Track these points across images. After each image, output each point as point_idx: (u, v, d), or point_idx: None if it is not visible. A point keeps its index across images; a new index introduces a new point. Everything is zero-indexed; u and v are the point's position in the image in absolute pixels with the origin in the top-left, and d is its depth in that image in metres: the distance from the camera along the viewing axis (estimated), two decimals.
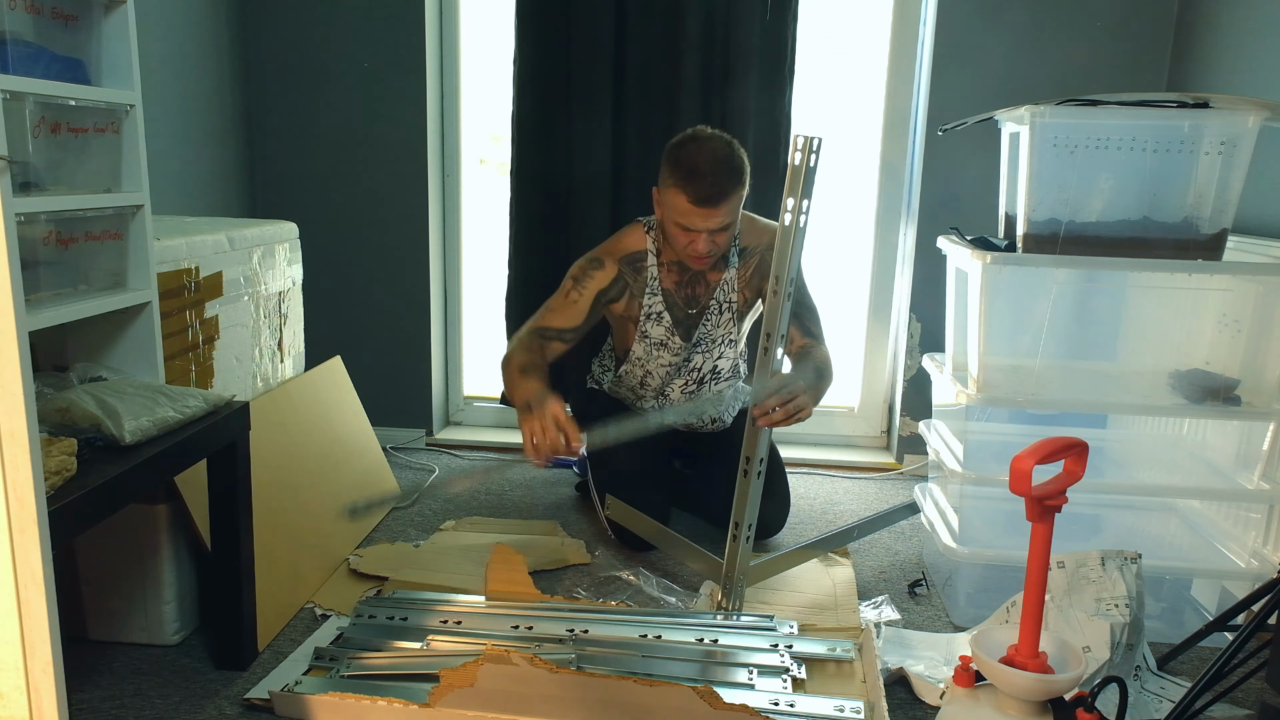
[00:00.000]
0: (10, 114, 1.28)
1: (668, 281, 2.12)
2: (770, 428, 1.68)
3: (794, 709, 1.42)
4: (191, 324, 1.72)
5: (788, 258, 1.59)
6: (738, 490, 1.71)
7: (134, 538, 1.56)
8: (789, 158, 1.57)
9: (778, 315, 1.62)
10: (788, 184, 1.57)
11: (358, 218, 2.72)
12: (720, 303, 2.15)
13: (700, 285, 2.14)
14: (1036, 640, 1.20)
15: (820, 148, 1.54)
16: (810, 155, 1.54)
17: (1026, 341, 1.76)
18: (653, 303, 2.11)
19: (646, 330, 2.14)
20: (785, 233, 1.59)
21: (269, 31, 2.63)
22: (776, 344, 1.64)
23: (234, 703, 1.46)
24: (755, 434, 1.68)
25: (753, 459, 1.68)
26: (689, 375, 2.21)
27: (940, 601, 1.89)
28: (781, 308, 1.61)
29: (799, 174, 1.55)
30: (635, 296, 2.12)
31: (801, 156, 1.54)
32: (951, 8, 2.46)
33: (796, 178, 1.55)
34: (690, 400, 2.24)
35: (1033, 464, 1.16)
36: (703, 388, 2.24)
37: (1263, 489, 1.71)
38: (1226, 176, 1.64)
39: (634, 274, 2.11)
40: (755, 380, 1.69)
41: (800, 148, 1.54)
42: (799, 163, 1.54)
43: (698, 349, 2.18)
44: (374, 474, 2.29)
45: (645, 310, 2.12)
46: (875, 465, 2.72)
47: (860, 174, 2.73)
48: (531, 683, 1.37)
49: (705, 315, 2.15)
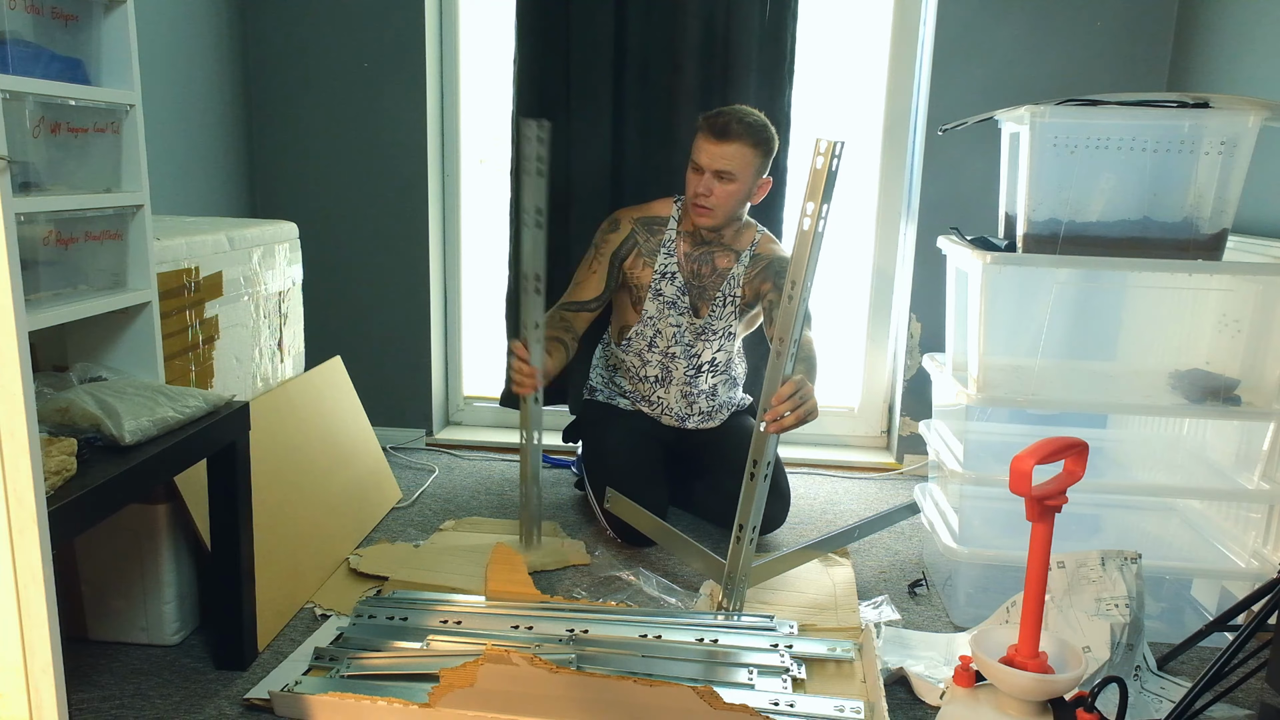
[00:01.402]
0: (10, 114, 1.28)
1: (682, 248, 2.21)
2: (779, 432, 1.68)
3: (794, 709, 1.42)
4: (191, 324, 1.72)
5: (805, 261, 1.57)
6: (743, 493, 1.71)
7: (134, 538, 1.56)
8: (811, 161, 1.54)
9: (792, 319, 1.60)
10: (808, 187, 1.55)
11: (358, 218, 2.72)
12: (726, 295, 2.22)
13: (707, 266, 2.22)
14: (1036, 640, 1.20)
15: (842, 152, 1.53)
16: (832, 159, 1.53)
17: (1026, 341, 1.76)
18: (667, 262, 2.20)
19: (660, 288, 2.21)
20: (804, 236, 1.57)
21: (269, 31, 2.63)
22: (789, 348, 1.63)
23: (234, 703, 1.46)
24: (763, 438, 1.68)
25: (760, 462, 1.68)
26: (691, 360, 2.25)
27: (940, 601, 1.89)
28: (796, 313, 1.59)
29: (820, 177, 1.53)
30: (643, 256, 2.20)
31: (824, 160, 1.52)
32: (951, 8, 2.46)
33: (818, 181, 1.54)
34: (688, 386, 2.26)
35: (1033, 464, 1.16)
36: (700, 377, 2.26)
37: (1263, 489, 1.71)
38: (1226, 176, 1.64)
39: (647, 235, 2.21)
40: (765, 384, 1.68)
41: (822, 151, 1.52)
42: (820, 166, 1.53)
43: (702, 337, 2.23)
44: (374, 474, 2.29)
45: (660, 269, 2.20)
46: (875, 465, 2.72)
47: (860, 174, 2.73)
48: (531, 683, 1.37)
49: (712, 303, 2.22)
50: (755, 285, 2.21)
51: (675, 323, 2.22)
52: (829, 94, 2.72)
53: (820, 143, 1.53)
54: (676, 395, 2.28)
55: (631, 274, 2.22)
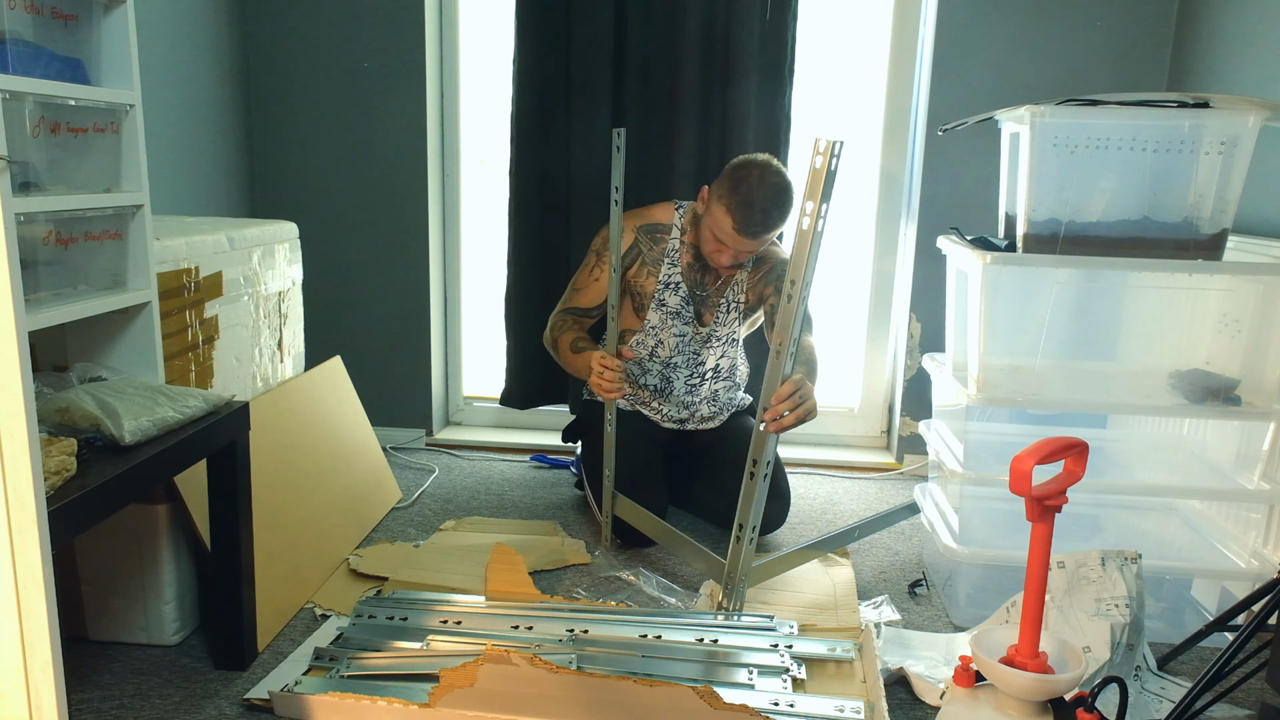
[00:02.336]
0: (10, 114, 1.28)
1: (685, 258, 2.20)
2: (779, 432, 1.68)
3: (794, 709, 1.42)
4: (191, 324, 1.72)
5: (804, 260, 1.57)
6: (743, 493, 1.70)
7: (134, 538, 1.56)
8: (810, 161, 1.55)
9: (791, 319, 1.60)
10: (807, 187, 1.55)
11: (358, 218, 2.72)
12: (730, 301, 2.22)
13: (711, 274, 2.21)
14: (1036, 640, 1.20)
15: (841, 151, 1.53)
16: (831, 159, 1.53)
17: (1026, 341, 1.76)
18: (671, 273, 2.19)
19: (664, 299, 2.20)
20: (803, 236, 1.57)
21: (269, 31, 2.63)
22: (788, 348, 1.63)
23: (234, 703, 1.46)
24: (762, 437, 1.68)
25: (759, 461, 1.68)
26: (695, 368, 2.25)
27: (940, 601, 1.89)
28: (796, 312, 1.59)
29: (819, 177, 1.53)
30: (646, 265, 2.19)
31: (823, 160, 1.53)
32: (951, 8, 2.45)
33: (816, 181, 1.54)
34: (689, 396, 2.26)
35: (1033, 464, 1.16)
36: (704, 384, 2.26)
37: (1263, 489, 1.71)
38: (1226, 176, 1.64)
39: (650, 243, 2.19)
40: (765, 384, 1.68)
41: (821, 151, 1.53)
42: (820, 166, 1.53)
43: (707, 345, 2.23)
44: (374, 474, 2.29)
45: (664, 279, 2.19)
46: (875, 465, 2.72)
47: (860, 173, 2.73)
48: (531, 683, 1.37)
49: (716, 310, 2.22)
50: (759, 290, 2.21)
51: (680, 332, 2.21)
52: (829, 94, 2.72)
53: (819, 142, 1.53)
54: (676, 405, 2.28)
55: (635, 282, 2.21)
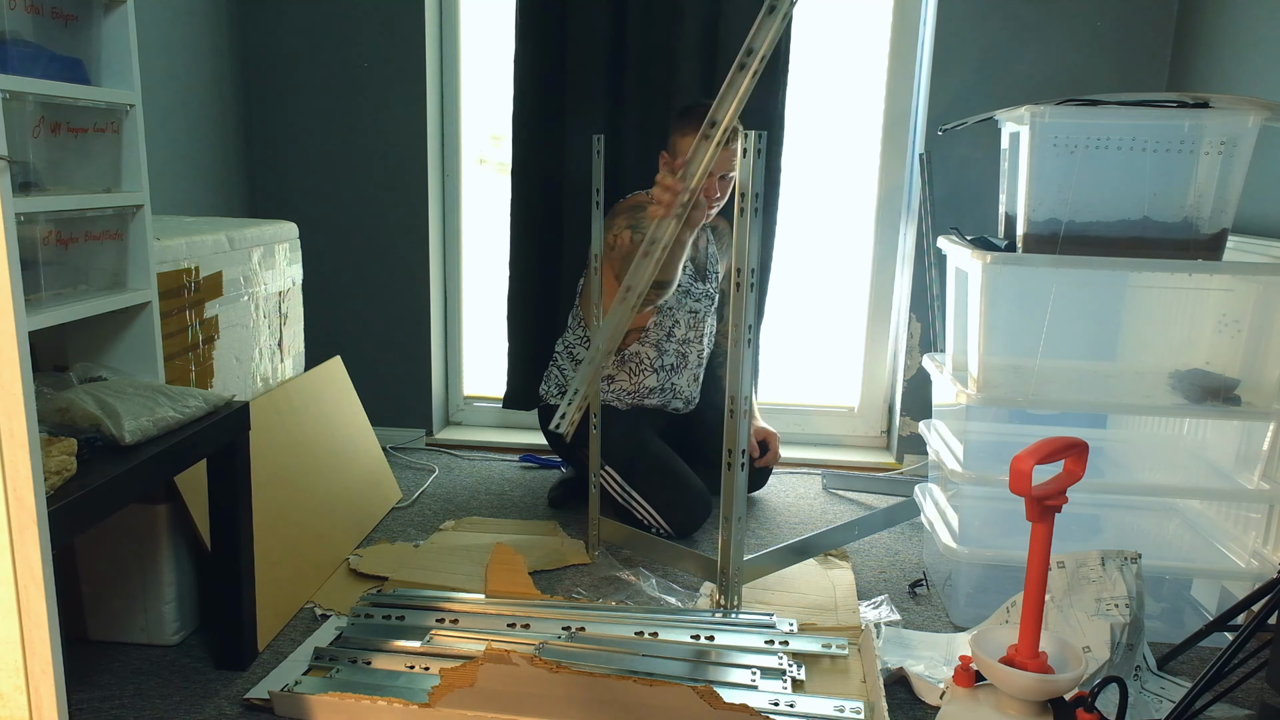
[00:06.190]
0: (10, 114, 1.28)
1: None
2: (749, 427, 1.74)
3: (794, 709, 1.42)
4: (191, 324, 1.72)
5: (746, 249, 1.64)
6: (723, 484, 1.71)
7: (134, 538, 1.56)
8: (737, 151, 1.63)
9: (742, 307, 1.65)
10: (737, 178, 1.64)
11: (358, 218, 2.72)
12: (713, 271, 2.35)
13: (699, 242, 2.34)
14: (1036, 640, 1.20)
15: (765, 143, 1.62)
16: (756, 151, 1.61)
17: (1026, 341, 1.76)
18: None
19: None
20: (741, 224, 1.64)
21: (269, 31, 2.63)
22: (744, 335, 1.66)
23: (234, 703, 1.46)
24: (734, 425, 1.69)
25: (734, 451, 1.69)
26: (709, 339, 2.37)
27: (940, 601, 1.89)
28: (746, 299, 1.64)
29: (747, 168, 1.61)
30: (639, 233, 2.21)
31: (751, 152, 1.61)
32: (951, 8, 2.45)
33: (746, 171, 1.62)
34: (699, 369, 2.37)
35: (1033, 464, 1.16)
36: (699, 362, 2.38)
37: (1263, 489, 1.71)
38: (1226, 176, 1.64)
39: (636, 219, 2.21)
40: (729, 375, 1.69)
41: (746, 143, 1.61)
42: (746, 157, 1.62)
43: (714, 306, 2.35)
44: (374, 474, 2.29)
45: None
46: (875, 465, 2.72)
47: (860, 173, 2.73)
48: (531, 682, 1.37)
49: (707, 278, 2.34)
50: (727, 260, 2.38)
51: (692, 309, 2.30)
52: (829, 94, 2.72)
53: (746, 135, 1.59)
54: (689, 379, 2.36)
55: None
